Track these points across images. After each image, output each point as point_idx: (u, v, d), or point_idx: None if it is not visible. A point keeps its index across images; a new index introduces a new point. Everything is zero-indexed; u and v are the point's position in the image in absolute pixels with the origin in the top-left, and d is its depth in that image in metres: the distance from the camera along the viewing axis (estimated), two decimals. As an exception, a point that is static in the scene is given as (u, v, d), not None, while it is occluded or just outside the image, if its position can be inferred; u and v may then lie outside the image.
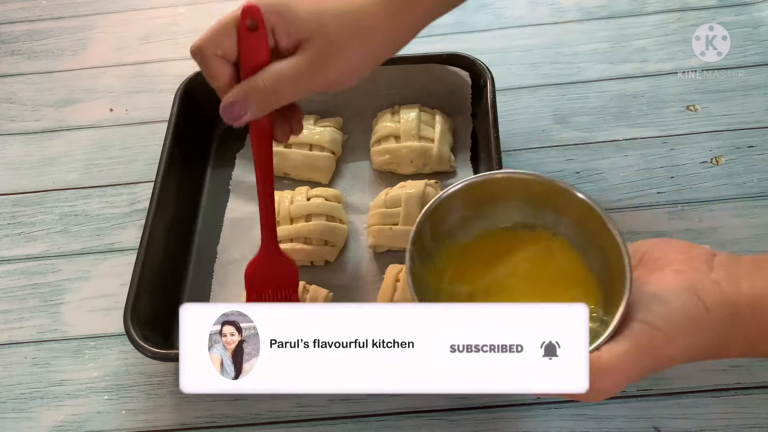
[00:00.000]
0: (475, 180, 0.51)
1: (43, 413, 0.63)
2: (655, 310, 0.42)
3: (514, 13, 0.90)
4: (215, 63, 0.52)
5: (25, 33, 0.94)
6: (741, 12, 0.86)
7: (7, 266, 0.72)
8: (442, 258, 0.52)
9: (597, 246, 0.48)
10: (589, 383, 0.39)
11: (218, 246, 0.70)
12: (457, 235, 0.52)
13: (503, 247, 0.52)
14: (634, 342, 0.42)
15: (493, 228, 0.52)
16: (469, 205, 0.51)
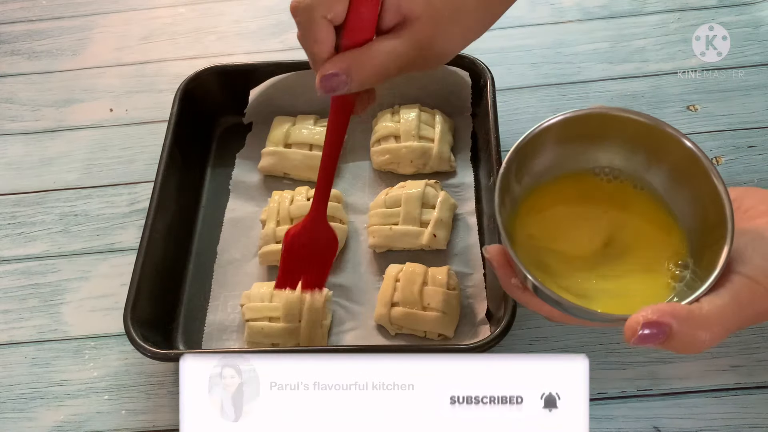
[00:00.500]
0: (573, 114, 0.47)
1: (43, 413, 0.63)
2: (756, 263, 0.41)
3: (514, 13, 0.89)
4: (322, 26, 0.47)
5: (25, 33, 0.94)
6: (741, 12, 0.86)
7: (7, 266, 0.72)
8: (525, 201, 0.49)
9: (691, 195, 0.46)
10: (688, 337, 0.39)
11: (218, 246, 0.70)
12: (540, 178, 0.49)
13: (583, 195, 0.49)
14: (735, 295, 0.41)
15: (574, 171, 0.49)
16: (559, 143, 0.48)
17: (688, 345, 0.40)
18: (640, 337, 0.39)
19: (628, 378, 0.60)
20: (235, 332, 0.65)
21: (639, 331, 0.39)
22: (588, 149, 0.49)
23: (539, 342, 0.63)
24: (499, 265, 0.46)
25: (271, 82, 0.76)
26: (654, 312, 0.39)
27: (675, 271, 0.45)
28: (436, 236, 0.66)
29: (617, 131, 0.48)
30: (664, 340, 0.39)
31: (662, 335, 0.39)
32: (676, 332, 0.39)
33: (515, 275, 0.45)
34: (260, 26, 0.92)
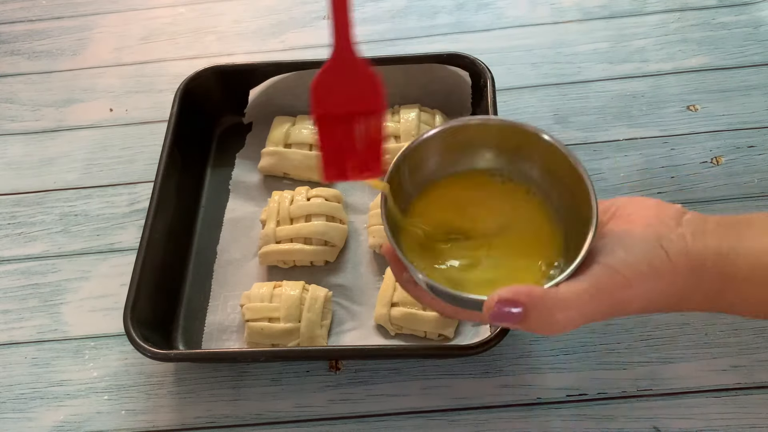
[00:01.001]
0: (452, 125, 0.50)
1: (43, 413, 0.63)
2: (618, 254, 0.43)
3: (515, 13, 0.90)
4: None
5: (24, 33, 0.94)
6: (741, 12, 0.86)
7: (7, 266, 0.72)
8: (419, 200, 0.51)
9: (565, 191, 0.48)
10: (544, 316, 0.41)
11: (218, 246, 0.70)
12: (433, 178, 0.52)
13: (472, 194, 0.52)
14: (593, 282, 0.42)
15: (469, 170, 0.52)
16: (446, 150, 0.51)
17: (543, 325, 0.42)
18: (494, 314, 0.42)
19: (628, 378, 0.60)
20: (235, 332, 0.65)
21: (494, 308, 0.41)
22: (477, 155, 0.51)
23: (539, 342, 0.63)
24: (391, 261, 0.49)
25: (271, 82, 0.76)
26: (509, 291, 0.42)
27: (548, 271, 0.47)
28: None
29: (493, 138, 0.50)
30: (520, 319, 0.41)
31: (518, 314, 0.41)
32: (531, 311, 0.41)
33: (406, 270, 0.47)
34: (260, 26, 0.92)
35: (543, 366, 0.61)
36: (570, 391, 0.60)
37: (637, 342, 0.62)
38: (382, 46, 0.87)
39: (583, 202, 0.46)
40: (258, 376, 0.63)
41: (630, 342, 0.62)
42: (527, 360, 0.62)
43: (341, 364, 0.63)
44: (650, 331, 0.62)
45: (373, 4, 0.93)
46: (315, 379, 0.62)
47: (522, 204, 0.51)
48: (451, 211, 0.51)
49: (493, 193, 0.51)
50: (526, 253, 0.49)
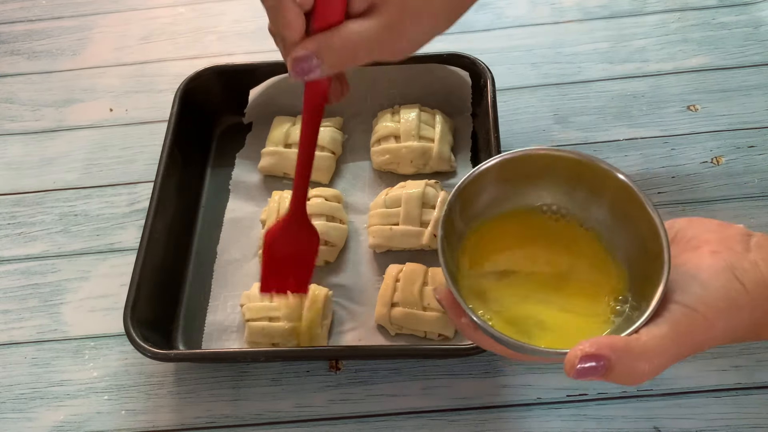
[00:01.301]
0: (511, 156, 0.48)
1: (43, 413, 0.63)
2: (694, 292, 0.41)
3: (515, 13, 0.90)
4: (291, 10, 0.48)
5: (24, 33, 0.94)
6: (741, 12, 0.86)
7: (7, 266, 0.72)
8: (470, 238, 0.49)
9: (630, 229, 0.46)
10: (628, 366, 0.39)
11: (218, 246, 0.70)
12: (486, 215, 0.50)
13: (527, 231, 0.50)
14: (673, 325, 0.40)
15: (521, 208, 0.50)
16: (501, 183, 0.49)
17: (628, 377, 0.40)
18: (579, 370, 0.40)
19: (628, 378, 0.60)
20: (235, 332, 0.65)
21: (578, 365, 0.39)
22: (531, 188, 0.50)
23: (539, 342, 0.62)
24: (448, 306, 0.46)
25: (271, 82, 0.76)
26: (592, 345, 0.39)
27: (615, 306, 0.46)
28: (436, 236, 0.66)
29: (555, 170, 0.49)
30: (603, 373, 0.39)
31: (601, 368, 0.39)
32: (615, 364, 0.39)
33: (465, 314, 0.44)
34: (260, 26, 0.92)
35: (543, 366, 0.61)
36: (570, 391, 0.60)
37: (637, 342, 0.62)
38: (382, 46, 0.87)
39: (650, 235, 0.44)
40: (258, 376, 0.63)
41: (630, 342, 0.62)
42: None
43: (341, 364, 0.63)
44: (650, 331, 0.62)
45: (373, 4, 0.92)
46: (315, 379, 0.62)
47: (580, 239, 0.49)
48: (506, 250, 0.49)
49: (548, 229, 0.50)
50: (589, 289, 0.47)
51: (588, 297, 0.46)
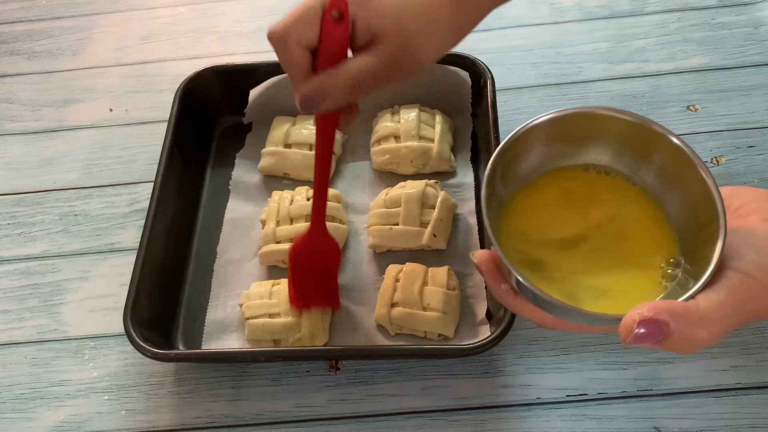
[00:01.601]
0: (560, 114, 0.46)
1: (43, 413, 0.63)
2: (750, 259, 0.40)
3: (514, 13, 0.90)
4: (297, 51, 0.51)
5: (24, 33, 0.94)
6: (741, 12, 0.86)
7: (7, 266, 0.72)
8: (512, 202, 0.47)
9: (681, 193, 0.45)
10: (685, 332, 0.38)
11: (218, 246, 0.70)
12: (528, 177, 0.48)
13: (576, 192, 0.48)
14: (731, 291, 0.39)
15: (565, 168, 0.48)
16: (546, 142, 0.47)
17: (686, 344, 0.39)
18: (636, 336, 0.38)
19: (628, 378, 0.60)
20: (235, 332, 0.65)
21: (635, 329, 0.38)
22: (576, 149, 0.48)
23: (539, 342, 0.63)
24: (487, 271, 0.45)
25: (271, 82, 0.76)
26: (650, 309, 0.38)
27: (667, 270, 0.44)
28: (436, 236, 0.66)
29: (604, 131, 0.47)
30: (661, 338, 0.38)
31: (659, 334, 0.38)
32: (674, 330, 0.38)
33: (505, 280, 0.44)
34: (260, 26, 0.92)
35: (543, 366, 0.61)
36: (570, 391, 0.60)
37: (637, 342, 0.62)
38: (382, 46, 0.87)
39: (703, 200, 0.42)
40: (258, 376, 0.63)
41: (630, 342, 0.62)
42: (527, 360, 0.62)
43: (341, 364, 0.63)
44: (650, 331, 0.62)
45: (373, 4, 0.93)
46: (315, 379, 0.62)
47: (629, 199, 0.47)
48: (550, 214, 0.47)
49: (594, 190, 0.48)
50: (641, 252, 0.45)
51: (639, 260, 0.45)
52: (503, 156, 0.45)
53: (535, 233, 0.46)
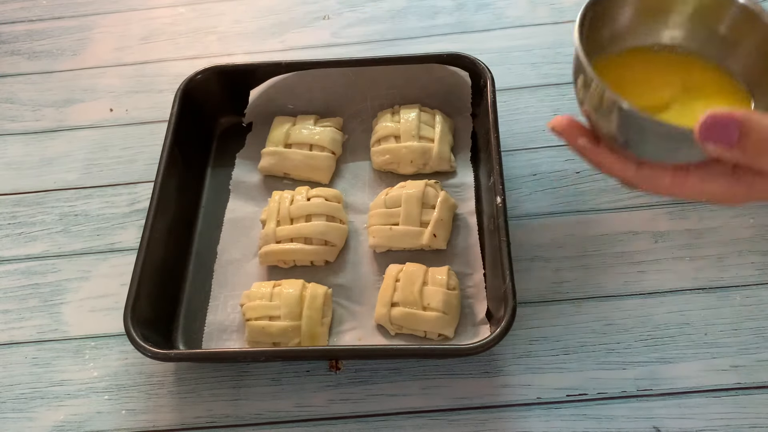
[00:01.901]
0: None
1: (43, 413, 0.63)
2: None
3: (514, 13, 0.90)
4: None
5: (25, 33, 0.94)
6: (741, 12, 0.86)
7: (8, 266, 0.72)
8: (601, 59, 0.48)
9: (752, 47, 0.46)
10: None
11: (218, 246, 0.70)
12: (613, 44, 0.49)
13: (654, 63, 0.49)
14: None
15: (644, 45, 0.50)
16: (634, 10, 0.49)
17: (762, 154, 0.36)
18: (708, 128, 0.37)
19: (628, 378, 0.60)
20: (235, 332, 0.65)
21: (710, 122, 0.37)
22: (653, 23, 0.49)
23: (539, 342, 0.63)
24: (566, 128, 0.45)
25: (271, 82, 0.76)
26: (723, 109, 0.37)
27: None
28: (436, 236, 0.66)
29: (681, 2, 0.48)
30: (736, 138, 0.36)
31: (734, 130, 0.36)
32: (750, 131, 0.36)
33: (582, 134, 0.44)
34: (260, 26, 0.92)
35: (543, 366, 0.61)
36: (570, 391, 0.60)
37: (636, 342, 0.62)
38: (382, 46, 0.87)
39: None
40: (258, 376, 0.63)
41: (630, 342, 0.62)
42: (527, 360, 0.62)
43: (341, 364, 0.63)
44: (650, 331, 0.62)
45: (373, 4, 0.93)
46: (315, 379, 0.62)
47: (705, 71, 0.48)
48: (631, 75, 0.48)
49: (671, 62, 0.49)
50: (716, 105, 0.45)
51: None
52: (594, 6, 0.46)
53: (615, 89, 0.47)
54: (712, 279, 0.65)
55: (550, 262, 0.67)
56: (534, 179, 0.73)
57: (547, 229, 0.69)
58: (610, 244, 0.68)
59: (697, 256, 0.66)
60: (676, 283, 0.65)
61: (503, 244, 0.61)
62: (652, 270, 0.66)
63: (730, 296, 0.64)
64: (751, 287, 0.64)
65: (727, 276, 0.65)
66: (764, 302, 0.63)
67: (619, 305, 0.64)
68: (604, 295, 0.65)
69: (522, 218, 0.70)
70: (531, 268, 0.67)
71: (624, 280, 0.65)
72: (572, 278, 0.66)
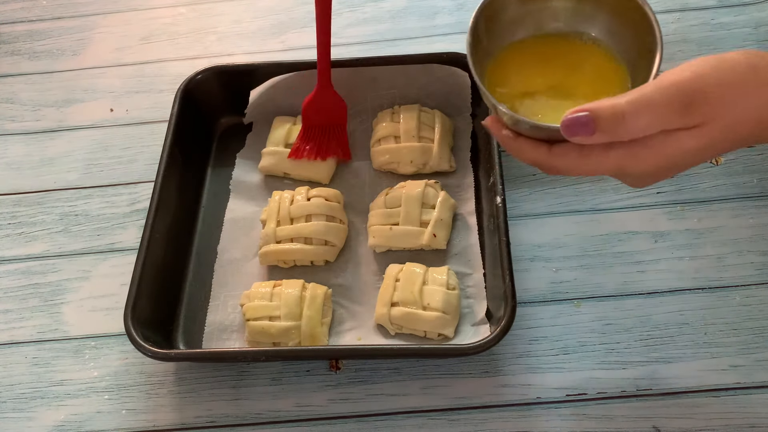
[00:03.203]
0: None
1: (44, 413, 0.63)
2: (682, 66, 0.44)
3: (514, 13, 0.90)
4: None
5: (25, 33, 0.94)
6: (740, 12, 0.86)
7: (8, 266, 0.72)
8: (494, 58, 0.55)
9: (631, 33, 0.52)
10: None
11: (218, 246, 0.70)
12: (504, 37, 0.55)
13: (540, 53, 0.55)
14: (657, 81, 0.43)
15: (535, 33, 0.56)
16: (519, 5, 0.55)
17: (618, 130, 0.43)
18: (566, 122, 0.44)
19: (627, 378, 0.60)
20: (235, 332, 0.65)
21: (565, 121, 0.43)
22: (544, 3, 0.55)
23: (539, 341, 0.63)
24: (491, 123, 0.51)
25: (272, 82, 0.76)
26: (577, 108, 0.44)
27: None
28: (436, 236, 0.66)
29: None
30: (590, 123, 0.43)
31: (585, 119, 0.43)
32: (599, 116, 0.43)
33: (504, 126, 0.50)
34: (260, 26, 0.92)
35: (542, 366, 0.61)
36: (570, 390, 0.60)
37: (636, 342, 0.62)
38: (382, 46, 0.87)
39: (648, 35, 0.49)
40: (258, 376, 0.63)
41: (629, 342, 0.62)
42: (527, 360, 0.62)
43: (341, 364, 0.63)
44: (650, 331, 0.62)
45: (373, 4, 0.93)
46: (315, 379, 0.62)
47: (586, 54, 0.55)
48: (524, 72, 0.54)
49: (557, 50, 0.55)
50: (595, 92, 0.51)
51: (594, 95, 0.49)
52: (484, 11, 0.53)
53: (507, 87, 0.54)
54: (711, 279, 0.65)
55: (550, 262, 0.67)
56: (534, 179, 0.73)
57: (547, 229, 0.69)
58: (610, 244, 0.68)
59: (696, 256, 0.66)
60: (676, 282, 0.65)
61: (503, 244, 0.61)
62: (652, 270, 0.66)
63: (730, 296, 0.64)
64: (750, 287, 0.64)
65: (726, 276, 0.65)
66: (764, 302, 0.63)
67: (619, 305, 0.64)
68: (604, 295, 0.65)
69: (522, 218, 0.70)
70: (531, 268, 0.67)
71: (624, 280, 0.65)
72: (572, 278, 0.66)
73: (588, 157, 0.46)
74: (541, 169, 0.50)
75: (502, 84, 0.54)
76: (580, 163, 0.47)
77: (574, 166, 0.47)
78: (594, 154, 0.46)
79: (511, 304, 0.58)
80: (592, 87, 0.53)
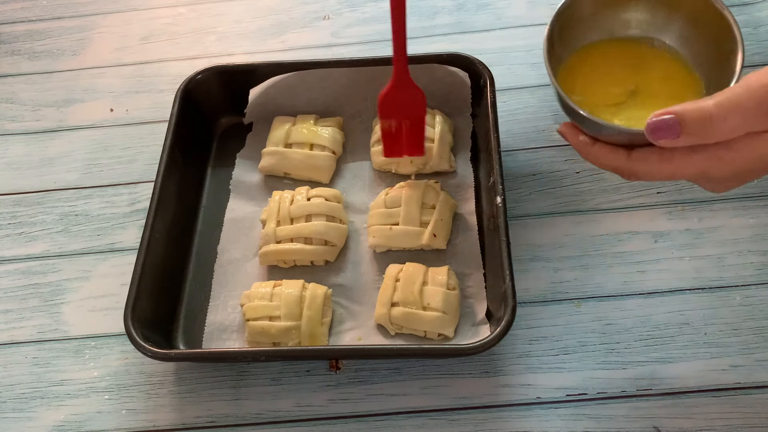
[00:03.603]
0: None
1: (44, 413, 0.63)
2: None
3: (514, 13, 0.90)
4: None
5: (25, 33, 0.94)
6: (741, 12, 0.86)
7: (8, 266, 0.72)
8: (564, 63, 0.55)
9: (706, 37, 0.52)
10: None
11: (218, 246, 0.70)
12: (574, 43, 0.56)
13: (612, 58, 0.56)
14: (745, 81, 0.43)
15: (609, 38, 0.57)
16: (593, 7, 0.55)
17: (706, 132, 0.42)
18: (651, 124, 0.43)
19: (627, 378, 0.60)
20: (235, 332, 0.65)
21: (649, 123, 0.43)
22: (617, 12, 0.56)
23: (539, 341, 0.63)
24: (567, 129, 0.52)
25: (271, 82, 0.76)
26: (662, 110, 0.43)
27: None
28: (436, 236, 0.66)
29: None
30: (676, 126, 0.42)
31: (672, 121, 0.42)
32: (686, 118, 0.42)
33: (581, 132, 0.50)
34: (260, 26, 0.92)
35: (543, 366, 0.61)
36: (570, 390, 0.60)
37: (636, 342, 0.62)
38: (382, 46, 0.87)
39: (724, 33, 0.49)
40: (258, 376, 0.63)
41: (630, 342, 0.62)
42: (526, 360, 0.62)
43: (341, 364, 0.63)
44: (650, 331, 0.62)
45: (373, 4, 0.93)
46: (315, 379, 0.62)
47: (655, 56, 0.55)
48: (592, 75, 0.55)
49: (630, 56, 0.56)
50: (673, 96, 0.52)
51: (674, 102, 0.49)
52: (559, 19, 0.54)
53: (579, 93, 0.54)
54: (711, 279, 0.65)
55: (550, 262, 0.67)
56: (534, 179, 0.73)
57: (547, 229, 0.69)
58: (610, 244, 0.68)
59: (697, 256, 0.66)
60: (676, 282, 0.65)
61: (503, 244, 0.61)
62: (652, 270, 0.66)
63: (730, 296, 0.64)
64: (750, 287, 0.64)
65: (726, 276, 0.65)
66: (764, 302, 0.63)
67: (619, 305, 0.64)
68: (604, 295, 0.65)
69: (522, 218, 0.70)
70: (531, 268, 0.67)
71: (624, 280, 0.65)
72: (572, 278, 0.66)
73: (670, 161, 0.45)
74: (621, 174, 0.50)
75: (575, 89, 0.54)
76: (661, 167, 0.46)
77: (656, 170, 0.47)
78: (676, 157, 0.45)
79: (511, 304, 0.58)
80: (668, 91, 0.52)
